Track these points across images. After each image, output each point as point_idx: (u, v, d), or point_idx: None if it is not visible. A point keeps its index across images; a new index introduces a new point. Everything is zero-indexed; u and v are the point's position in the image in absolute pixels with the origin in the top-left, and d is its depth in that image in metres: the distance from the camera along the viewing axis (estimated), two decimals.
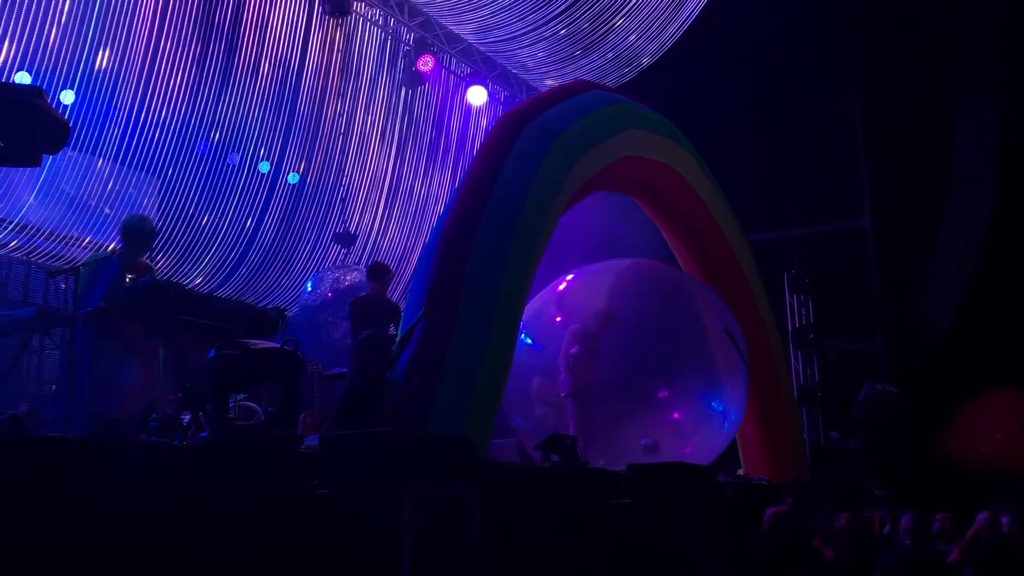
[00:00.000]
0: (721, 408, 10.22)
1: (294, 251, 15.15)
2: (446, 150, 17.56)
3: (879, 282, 16.72)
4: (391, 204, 16.72)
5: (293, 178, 15.02)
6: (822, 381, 14.18)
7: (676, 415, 9.98)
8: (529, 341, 9.81)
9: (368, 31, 16.05)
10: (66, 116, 11.03)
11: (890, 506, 10.25)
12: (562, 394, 9.52)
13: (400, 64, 16.41)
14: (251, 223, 14.47)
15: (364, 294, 9.25)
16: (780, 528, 7.41)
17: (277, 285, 14.90)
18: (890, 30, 16.20)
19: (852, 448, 13.14)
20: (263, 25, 14.12)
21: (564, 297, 10.47)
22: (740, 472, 11.52)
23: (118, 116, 12.37)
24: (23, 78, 11.03)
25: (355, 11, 15.36)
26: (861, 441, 13.15)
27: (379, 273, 8.99)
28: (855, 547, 7.97)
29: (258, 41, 14.07)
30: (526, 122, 9.05)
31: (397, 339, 7.86)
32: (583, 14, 16.16)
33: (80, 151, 12.07)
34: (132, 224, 7.15)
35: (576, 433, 9.00)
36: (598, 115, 9.90)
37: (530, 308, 8.61)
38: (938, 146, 16.07)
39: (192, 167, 13.51)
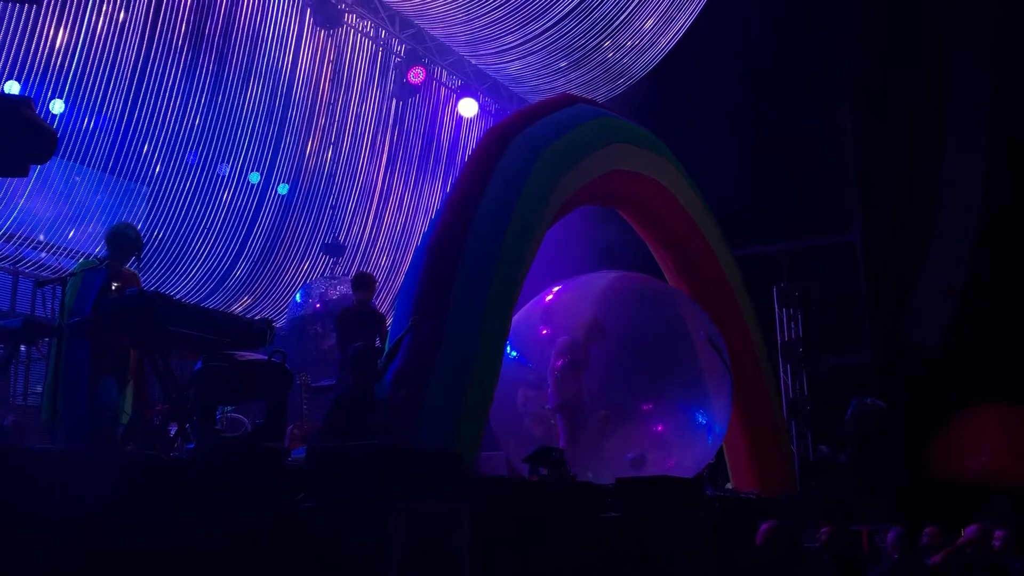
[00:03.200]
0: (705, 421, 10.20)
1: (283, 262, 15.13)
2: (436, 162, 17.58)
3: (868, 296, 16.77)
4: (381, 215, 16.72)
5: (283, 189, 15.01)
6: (811, 395, 14.16)
7: (660, 428, 9.94)
8: (514, 354, 9.76)
9: (359, 42, 16.08)
10: (55, 126, 11.01)
11: (878, 520, 10.24)
12: (549, 407, 9.50)
13: (391, 76, 16.42)
14: (240, 234, 14.45)
15: (350, 305, 9.22)
16: (774, 543, 7.37)
17: (266, 296, 14.87)
18: (881, 45, 16.27)
19: (841, 462, 13.13)
20: (254, 36, 14.13)
21: (550, 310, 10.44)
22: (728, 486, 11.50)
23: (108, 126, 12.34)
24: (12, 87, 11.02)
25: (346, 23, 15.38)
26: (850, 455, 13.14)
27: (364, 283, 8.97)
28: (837, 566, 7.94)
29: (249, 52, 14.08)
30: (511, 136, 9.05)
31: (385, 351, 7.84)
32: (574, 27, 16.20)
33: (69, 161, 12.04)
34: (117, 231, 7.10)
35: (566, 446, 8.98)
36: (583, 129, 9.90)
37: (515, 321, 8.58)
38: (927, 161, 16.15)
39: (182, 177, 13.49)
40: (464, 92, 17.29)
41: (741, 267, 12.37)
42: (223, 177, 14.11)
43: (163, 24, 12.79)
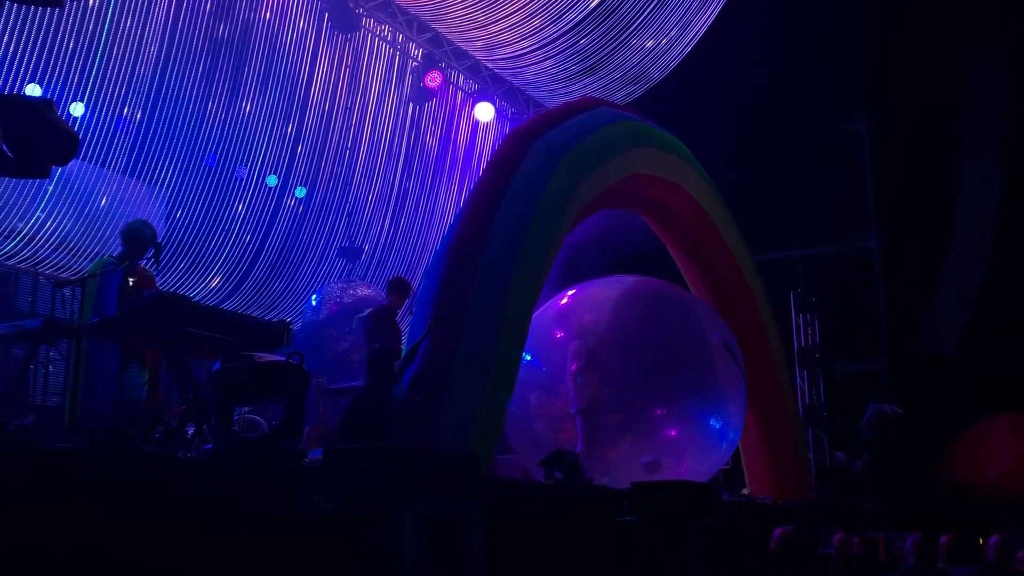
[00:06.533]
0: (720, 426, 10.17)
1: (300, 265, 15.18)
2: (453, 165, 17.59)
3: (885, 302, 16.71)
4: (397, 219, 16.76)
5: (300, 192, 15.07)
6: (828, 401, 14.12)
7: (674, 433, 9.91)
8: (528, 357, 9.75)
9: (376, 47, 16.13)
10: (76, 128, 11.08)
11: (894, 528, 10.20)
12: (572, 411, 9.48)
13: (408, 80, 16.46)
14: (258, 236, 14.51)
15: (380, 306, 9.22)
16: (788, 549, 7.34)
17: (282, 298, 14.92)
18: (897, 52, 16.24)
19: (857, 469, 13.08)
20: (272, 39, 14.19)
21: (565, 313, 10.42)
22: (744, 491, 11.47)
23: (127, 128, 12.42)
24: (33, 90, 11.09)
25: (364, 27, 15.43)
26: (866, 462, 13.09)
27: (398, 287, 8.96)
28: (845, 572, 7.89)
29: (267, 55, 14.14)
30: (534, 138, 9.02)
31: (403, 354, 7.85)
32: (591, 32, 16.21)
33: (89, 163, 12.11)
34: (134, 229, 7.12)
35: (584, 450, 8.97)
36: (607, 132, 9.86)
37: (531, 324, 8.57)
38: (944, 166, 16.10)
39: (200, 180, 13.56)
40: (481, 96, 17.32)
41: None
42: (241, 180, 14.17)
43: (182, 28, 12.86)
